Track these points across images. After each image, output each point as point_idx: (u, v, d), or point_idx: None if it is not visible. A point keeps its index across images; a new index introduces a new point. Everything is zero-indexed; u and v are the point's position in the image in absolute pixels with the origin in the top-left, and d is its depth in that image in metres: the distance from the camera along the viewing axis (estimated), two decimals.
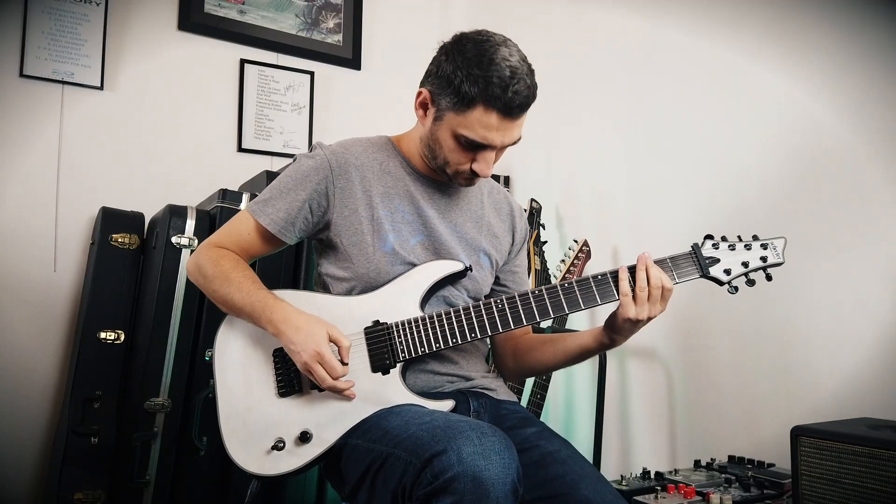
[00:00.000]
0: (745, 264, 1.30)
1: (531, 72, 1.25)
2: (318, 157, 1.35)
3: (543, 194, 2.66)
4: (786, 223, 1.85)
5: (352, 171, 1.34)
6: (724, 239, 1.31)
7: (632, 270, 1.25)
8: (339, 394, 1.22)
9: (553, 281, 2.37)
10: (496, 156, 1.29)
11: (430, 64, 1.30)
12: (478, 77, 1.19)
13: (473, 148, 1.26)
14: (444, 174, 1.33)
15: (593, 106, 2.63)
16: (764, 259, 1.30)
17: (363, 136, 1.43)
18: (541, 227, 2.51)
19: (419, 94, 1.31)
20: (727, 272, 1.29)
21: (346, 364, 1.22)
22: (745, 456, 1.82)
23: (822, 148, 1.84)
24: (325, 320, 1.24)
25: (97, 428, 2.07)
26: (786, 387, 1.88)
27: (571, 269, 2.36)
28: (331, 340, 1.21)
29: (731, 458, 1.84)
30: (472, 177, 1.30)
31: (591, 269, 2.41)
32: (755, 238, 1.32)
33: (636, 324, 1.25)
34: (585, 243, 2.39)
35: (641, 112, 2.40)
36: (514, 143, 1.29)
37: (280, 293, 1.30)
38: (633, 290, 1.24)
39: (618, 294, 1.25)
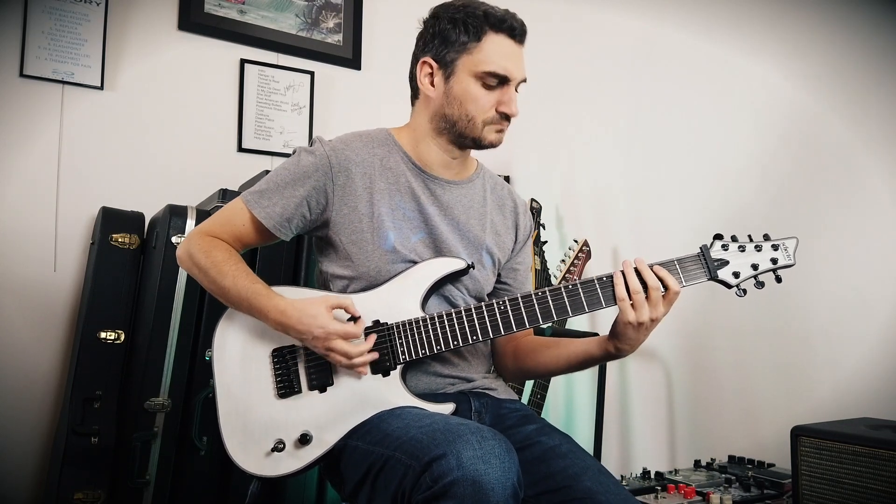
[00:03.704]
0: (755, 267, 1.26)
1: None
2: (317, 154, 1.32)
3: (543, 194, 2.66)
4: (786, 222, 1.85)
5: (352, 167, 1.32)
6: (734, 239, 1.27)
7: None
8: (364, 359, 1.22)
9: (553, 281, 2.37)
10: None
11: (419, 40, 1.35)
12: (477, 13, 1.28)
13: (495, 86, 1.29)
14: (470, 140, 1.33)
15: (593, 106, 2.63)
16: (774, 261, 1.26)
17: (363, 130, 1.40)
18: (541, 227, 2.51)
19: (422, 65, 1.33)
20: (736, 275, 1.25)
21: (359, 317, 1.24)
22: (745, 456, 1.82)
23: (822, 147, 1.84)
24: (317, 296, 1.25)
25: (97, 428, 2.07)
26: (786, 387, 1.88)
27: (571, 269, 2.36)
28: (335, 308, 1.22)
29: (731, 458, 1.84)
30: (503, 122, 1.32)
31: (592, 268, 2.41)
32: (766, 238, 1.28)
33: (639, 328, 1.22)
34: (585, 243, 2.39)
35: (641, 112, 2.40)
36: (524, 82, 1.33)
37: (279, 290, 1.29)
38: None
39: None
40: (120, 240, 2.26)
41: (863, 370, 1.71)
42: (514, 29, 1.28)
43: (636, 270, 1.22)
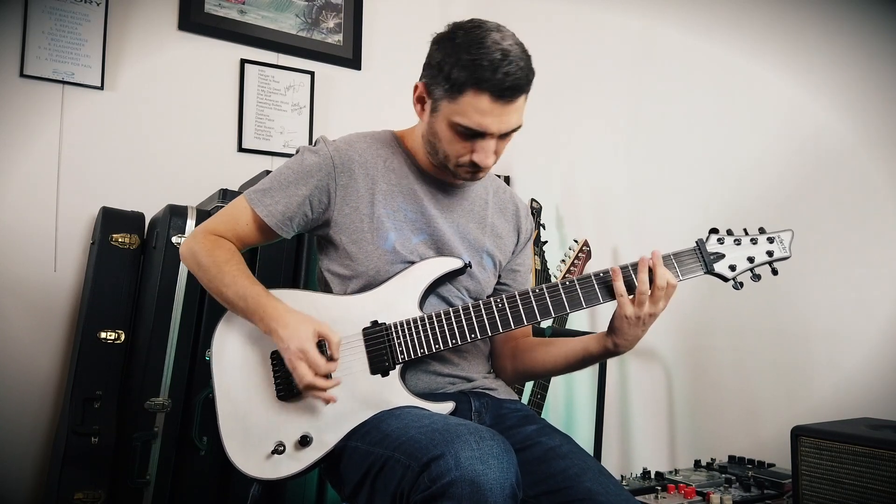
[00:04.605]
0: (751, 259, 1.26)
1: (526, 56, 1.21)
2: (321, 153, 1.33)
3: (543, 194, 2.66)
4: (786, 222, 1.84)
5: (355, 167, 1.33)
6: (729, 233, 1.28)
7: (633, 268, 1.22)
8: (319, 394, 1.19)
9: (553, 281, 2.37)
10: (497, 146, 1.25)
11: (426, 57, 1.28)
12: (467, 61, 1.16)
13: (471, 137, 1.22)
14: (446, 170, 1.30)
15: (593, 106, 2.62)
16: (770, 253, 1.26)
17: (367, 131, 1.41)
18: (541, 227, 2.51)
19: (415, 88, 1.29)
20: (732, 268, 1.25)
21: (336, 360, 1.20)
22: (745, 456, 1.82)
23: (822, 146, 1.83)
24: (315, 318, 1.22)
25: (97, 428, 2.07)
26: (786, 386, 1.88)
27: (572, 269, 2.36)
28: (320, 337, 1.20)
29: (731, 458, 1.84)
30: (474, 169, 1.26)
31: (592, 269, 2.40)
32: (761, 231, 1.28)
33: (637, 323, 1.22)
34: (586, 243, 2.39)
35: (641, 112, 2.40)
36: (515, 130, 1.24)
37: (278, 293, 1.29)
38: (634, 292, 1.20)
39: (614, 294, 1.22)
40: (120, 240, 2.26)
41: (863, 370, 1.71)
42: (501, 90, 1.16)
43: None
